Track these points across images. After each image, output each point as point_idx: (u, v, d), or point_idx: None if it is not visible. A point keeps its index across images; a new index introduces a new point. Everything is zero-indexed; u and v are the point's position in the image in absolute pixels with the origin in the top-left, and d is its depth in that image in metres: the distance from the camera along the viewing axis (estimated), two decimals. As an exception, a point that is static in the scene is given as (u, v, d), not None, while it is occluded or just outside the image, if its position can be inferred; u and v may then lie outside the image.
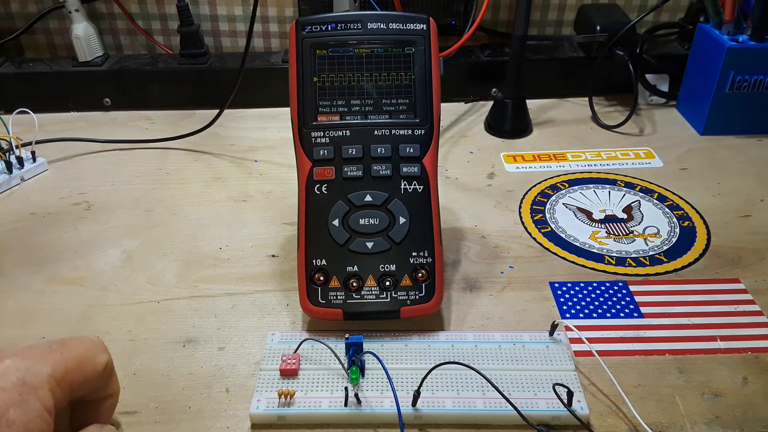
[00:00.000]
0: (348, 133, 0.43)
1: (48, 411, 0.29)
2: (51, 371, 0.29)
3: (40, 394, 0.29)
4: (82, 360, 0.31)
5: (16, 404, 0.27)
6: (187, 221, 0.55)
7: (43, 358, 0.30)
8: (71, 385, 0.30)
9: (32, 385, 0.28)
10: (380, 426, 0.36)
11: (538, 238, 0.52)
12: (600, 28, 0.70)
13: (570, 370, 0.38)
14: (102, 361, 0.32)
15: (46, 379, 0.29)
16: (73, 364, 0.30)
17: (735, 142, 0.66)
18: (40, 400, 0.28)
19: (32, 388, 0.28)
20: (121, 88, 0.73)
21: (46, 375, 0.29)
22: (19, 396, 0.28)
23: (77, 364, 0.31)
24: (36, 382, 0.29)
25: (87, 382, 0.31)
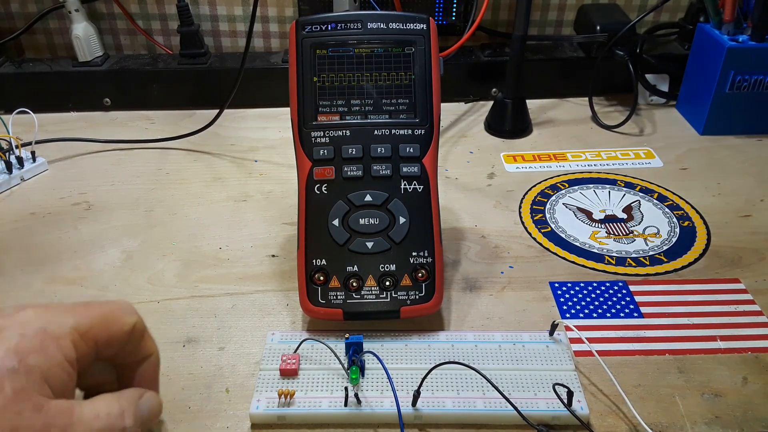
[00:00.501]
0: (348, 133, 0.43)
1: (70, 362, 0.29)
2: (75, 324, 0.30)
3: (61, 344, 0.29)
4: (107, 318, 0.31)
5: (36, 351, 0.28)
6: (187, 221, 0.55)
7: (67, 312, 0.30)
8: (96, 340, 0.30)
9: (54, 335, 0.29)
10: (380, 426, 0.36)
11: (538, 238, 0.52)
12: (600, 28, 0.70)
13: (570, 370, 0.38)
14: (129, 321, 0.32)
15: (69, 330, 0.29)
16: (98, 321, 0.30)
17: (735, 142, 0.66)
18: (61, 350, 0.29)
19: (54, 338, 0.28)
20: (121, 88, 0.73)
21: (69, 327, 0.29)
22: (40, 343, 0.28)
23: (102, 321, 0.31)
24: (58, 333, 0.29)
25: (113, 340, 0.31)
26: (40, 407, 0.27)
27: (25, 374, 0.27)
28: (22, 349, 0.27)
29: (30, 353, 0.27)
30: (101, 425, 0.29)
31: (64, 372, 0.29)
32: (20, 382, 0.27)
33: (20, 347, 0.27)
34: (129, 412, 0.31)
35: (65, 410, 0.28)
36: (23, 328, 0.28)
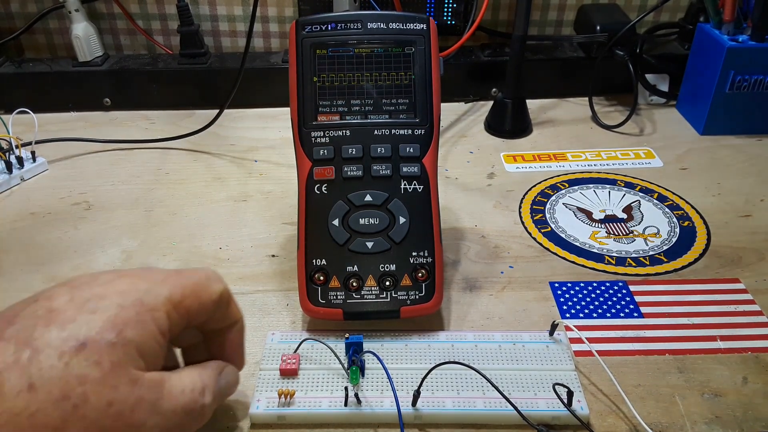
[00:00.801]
0: (348, 132, 0.43)
1: (162, 333, 0.29)
2: (169, 295, 0.30)
3: (156, 315, 0.29)
4: (198, 287, 0.31)
5: (132, 324, 0.28)
6: (187, 221, 0.55)
7: (162, 282, 0.30)
8: (188, 310, 0.30)
9: (149, 307, 0.29)
10: (380, 426, 0.36)
11: (538, 238, 0.52)
12: (600, 28, 0.70)
13: (570, 370, 0.38)
14: (217, 289, 0.32)
15: (163, 301, 0.29)
16: (190, 290, 0.31)
17: (735, 142, 0.66)
18: (155, 322, 0.29)
19: (149, 310, 0.29)
20: (121, 88, 0.73)
21: (164, 298, 0.29)
22: (137, 316, 0.28)
23: (193, 290, 0.31)
24: (154, 304, 0.29)
25: (203, 308, 0.31)
26: (134, 381, 0.27)
27: (122, 347, 0.27)
28: (120, 321, 0.27)
29: (127, 326, 0.27)
30: (185, 401, 0.29)
31: (157, 344, 0.29)
32: (117, 355, 0.27)
33: (118, 319, 0.27)
34: (209, 389, 0.31)
35: (156, 383, 0.28)
36: (121, 297, 0.28)
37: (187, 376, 0.31)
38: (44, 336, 0.26)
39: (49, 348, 0.26)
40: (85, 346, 0.26)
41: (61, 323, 0.26)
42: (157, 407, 0.28)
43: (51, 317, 0.27)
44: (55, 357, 0.25)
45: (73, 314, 0.27)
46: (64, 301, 0.28)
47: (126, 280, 0.29)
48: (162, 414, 0.28)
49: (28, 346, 0.25)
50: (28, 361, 0.25)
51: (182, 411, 0.29)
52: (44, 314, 0.27)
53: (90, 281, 0.29)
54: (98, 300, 0.28)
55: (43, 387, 0.25)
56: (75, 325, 0.26)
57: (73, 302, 0.28)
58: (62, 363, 0.25)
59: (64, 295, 0.28)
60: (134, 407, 0.27)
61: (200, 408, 0.30)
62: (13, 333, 0.26)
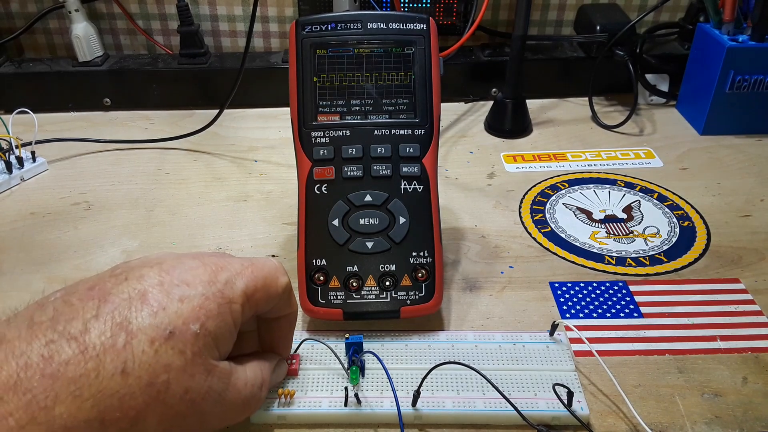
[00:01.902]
0: (348, 132, 0.43)
1: (235, 325, 0.30)
2: (245, 287, 0.31)
3: (233, 308, 0.30)
4: (268, 280, 0.32)
5: (214, 315, 0.29)
6: (187, 221, 0.55)
7: (240, 273, 0.31)
8: (258, 302, 0.32)
9: (228, 299, 0.30)
10: (380, 426, 0.36)
11: (538, 238, 0.52)
12: (600, 28, 0.70)
13: (570, 370, 0.38)
14: (283, 282, 0.33)
15: (240, 294, 0.30)
16: (261, 283, 0.32)
17: (735, 142, 0.66)
18: (232, 314, 0.30)
19: (228, 302, 0.30)
20: (121, 88, 0.73)
21: (241, 291, 0.30)
22: (218, 307, 0.29)
23: (264, 283, 0.32)
24: (232, 296, 0.30)
25: (269, 300, 0.32)
26: (209, 371, 0.29)
27: (203, 338, 0.28)
28: (204, 312, 0.29)
29: (209, 317, 0.29)
30: (246, 394, 0.31)
31: (231, 335, 0.30)
32: (199, 345, 0.28)
33: (202, 310, 0.28)
34: (266, 384, 0.33)
35: (226, 374, 0.30)
36: (205, 287, 0.29)
37: (251, 369, 0.32)
38: (138, 320, 0.27)
39: (142, 333, 0.27)
40: (173, 334, 0.27)
41: (153, 309, 0.27)
42: (222, 397, 0.29)
43: (143, 300, 0.28)
44: (147, 343, 0.27)
45: (164, 300, 0.28)
46: (154, 284, 0.29)
47: (209, 269, 0.30)
48: (225, 404, 0.30)
49: (123, 329, 0.26)
50: (123, 346, 0.26)
51: (242, 402, 0.31)
52: (137, 296, 0.28)
53: (176, 265, 0.30)
54: (185, 287, 0.29)
55: (134, 372, 0.26)
56: (165, 313, 0.28)
57: (162, 287, 0.28)
58: (152, 350, 0.27)
59: (153, 277, 0.29)
60: (205, 395, 0.28)
61: (256, 401, 0.32)
62: (108, 313, 0.27)
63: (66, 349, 0.25)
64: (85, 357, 0.25)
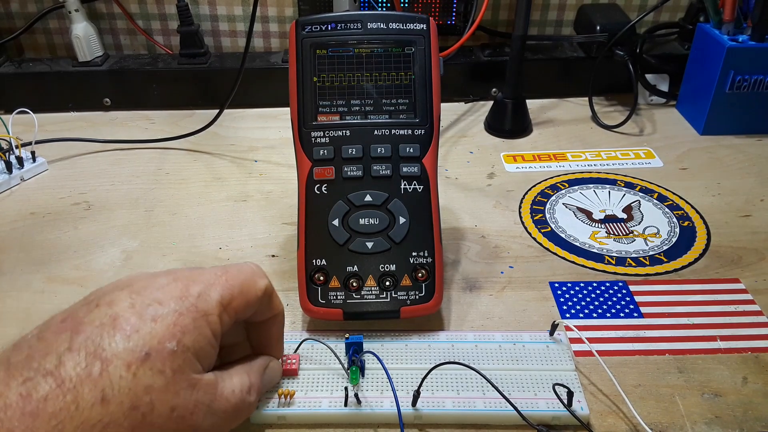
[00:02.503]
0: (348, 132, 0.43)
1: (215, 336, 0.30)
2: (220, 298, 0.31)
3: (210, 320, 0.30)
4: (245, 286, 0.32)
5: (190, 330, 0.29)
6: (187, 221, 0.55)
7: (213, 284, 0.31)
8: (236, 310, 0.31)
9: (203, 312, 0.30)
10: (380, 426, 0.36)
11: (538, 238, 0.52)
12: (600, 28, 0.70)
13: (570, 370, 0.38)
14: (262, 285, 0.33)
15: (216, 305, 0.30)
16: (238, 290, 0.32)
17: (735, 141, 0.66)
18: (210, 326, 0.30)
19: (203, 315, 0.30)
20: (121, 88, 0.73)
21: (216, 301, 0.30)
22: (193, 322, 0.29)
23: (241, 290, 0.32)
24: (207, 308, 0.30)
25: (249, 306, 0.32)
26: (193, 385, 0.28)
27: (182, 354, 0.28)
28: (179, 329, 0.28)
29: (185, 333, 0.28)
30: (235, 401, 0.31)
31: (211, 347, 0.30)
32: (178, 362, 0.28)
33: (177, 327, 0.28)
34: (255, 387, 0.33)
35: (212, 385, 0.30)
36: (178, 303, 0.29)
37: (237, 376, 0.32)
38: (111, 346, 0.27)
39: (117, 359, 0.26)
40: (150, 356, 0.27)
41: (126, 332, 0.27)
42: (211, 408, 0.29)
43: (115, 325, 0.27)
44: (124, 368, 0.26)
45: (136, 322, 0.28)
46: (125, 307, 0.28)
47: (180, 285, 0.30)
48: (216, 414, 0.30)
49: (97, 357, 0.26)
50: (99, 374, 0.26)
51: (233, 410, 0.31)
52: (108, 321, 0.28)
53: (147, 284, 0.30)
54: (158, 306, 0.29)
55: (115, 398, 0.26)
56: (139, 335, 0.27)
57: (134, 309, 0.28)
58: (130, 374, 0.26)
59: (124, 300, 0.29)
60: (193, 410, 0.28)
61: (247, 406, 0.32)
62: (82, 342, 0.27)
63: (43, 385, 0.25)
64: (62, 390, 0.25)
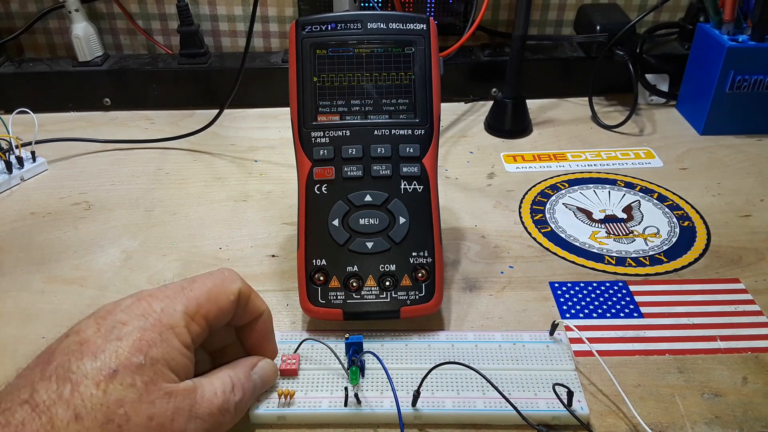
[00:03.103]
0: (348, 133, 0.43)
1: (186, 347, 0.31)
2: (184, 309, 0.31)
3: (177, 331, 0.31)
4: (212, 294, 0.33)
5: (157, 343, 0.30)
6: (187, 221, 0.55)
7: (175, 297, 0.32)
8: (206, 318, 0.32)
9: (169, 324, 0.31)
10: (380, 426, 0.36)
11: (538, 238, 0.52)
12: (600, 28, 0.70)
13: (570, 370, 0.38)
14: (234, 290, 0.34)
15: (181, 316, 0.31)
16: (204, 299, 0.32)
17: (735, 141, 0.66)
18: (178, 337, 0.31)
19: (169, 327, 0.30)
20: (121, 88, 0.73)
21: (180, 313, 0.31)
22: (159, 336, 0.30)
23: (208, 298, 0.32)
24: (171, 322, 0.31)
25: (222, 312, 0.33)
26: (169, 393, 0.29)
27: (151, 367, 0.29)
28: (145, 343, 0.29)
29: (152, 346, 0.29)
30: (219, 402, 0.31)
31: (184, 356, 0.31)
32: (148, 374, 0.29)
33: (143, 342, 0.29)
34: (239, 386, 0.33)
35: (189, 391, 0.30)
36: (142, 320, 0.30)
37: (218, 378, 0.33)
38: (80, 368, 0.28)
39: (86, 379, 0.28)
40: (117, 372, 0.28)
41: (93, 354, 0.29)
42: (193, 412, 0.30)
43: (82, 350, 0.29)
44: (93, 386, 0.28)
45: (102, 343, 0.29)
46: (91, 333, 0.30)
47: (143, 303, 0.31)
48: (199, 417, 0.30)
49: (67, 380, 0.28)
50: (70, 394, 0.27)
51: (218, 411, 0.31)
52: (76, 347, 0.29)
53: (112, 309, 0.31)
54: (122, 326, 0.30)
55: (88, 415, 0.27)
56: (105, 355, 0.29)
57: (99, 332, 0.30)
58: (100, 391, 0.28)
59: (91, 327, 0.30)
60: (173, 417, 0.29)
61: (233, 405, 0.32)
62: (53, 370, 0.28)
63: (20, 412, 0.27)
64: (37, 413, 0.26)
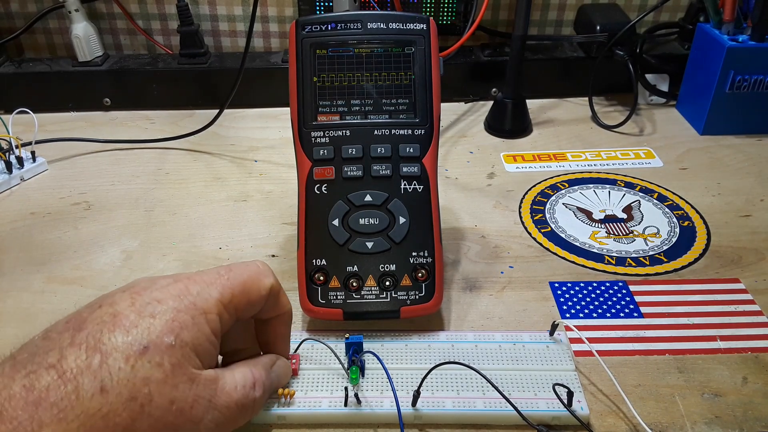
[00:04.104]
0: (348, 132, 0.43)
1: (215, 334, 0.31)
2: (219, 296, 0.31)
3: (209, 318, 0.30)
4: (247, 285, 0.33)
5: (188, 327, 0.29)
6: (187, 221, 0.55)
7: (212, 283, 0.32)
8: (237, 308, 0.32)
9: (202, 309, 0.30)
10: (380, 426, 0.36)
11: (538, 238, 0.52)
12: (600, 28, 0.70)
13: (570, 370, 0.38)
14: (266, 285, 0.33)
15: (215, 303, 0.31)
16: (239, 290, 0.32)
17: (735, 141, 0.66)
18: (209, 323, 0.30)
19: (202, 312, 0.30)
20: (121, 88, 0.73)
21: (215, 300, 0.31)
22: (192, 319, 0.30)
23: (242, 289, 0.32)
24: (206, 307, 0.31)
25: (252, 305, 0.33)
26: (192, 379, 0.29)
27: (180, 349, 0.29)
28: (177, 324, 0.29)
29: (183, 329, 0.29)
30: (238, 396, 0.31)
31: (211, 344, 0.31)
32: (176, 356, 0.29)
33: (175, 323, 0.29)
34: (259, 383, 0.33)
35: (212, 380, 0.30)
36: (177, 301, 0.30)
37: (240, 372, 0.33)
38: (111, 340, 0.28)
39: (116, 352, 0.27)
40: (148, 349, 0.28)
41: (126, 328, 0.28)
42: (213, 403, 0.30)
43: (115, 322, 0.28)
44: (122, 360, 0.27)
45: (135, 319, 0.29)
46: (125, 306, 0.29)
47: (180, 285, 0.31)
48: (218, 409, 0.30)
49: (97, 350, 0.27)
50: (99, 366, 0.27)
51: (235, 406, 0.31)
52: (109, 319, 0.29)
53: (149, 285, 0.31)
54: (156, 304, 0.30)
55: (114, 389, 0.27)
56: (138, 330, 0.28)
57: (134, 307, 0.29)
58: (129, 366, 0.27)
59: (125, 300, 0.30)
60: (193, 404, 0.29)
61: (252, 402, 0.32)
62: (83, 338, 0.28)
63: (45, 377, 0.26)
64: (63, 380, 0.26)
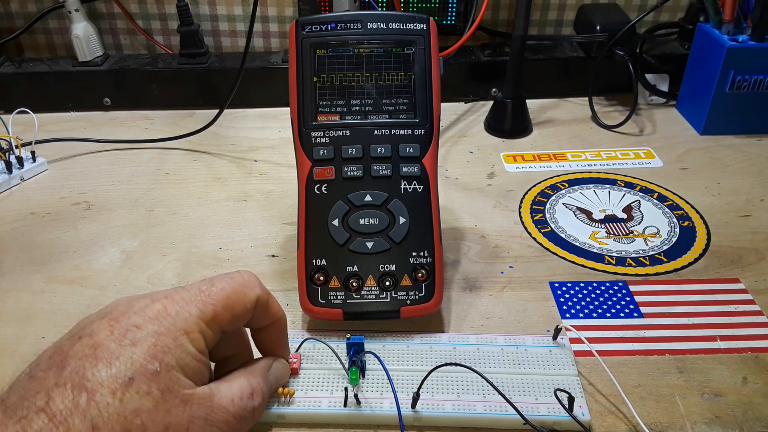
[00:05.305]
0: (348, 132, 0.43)
1: (201, 351, 0.30)
2: (199, 314, 0.31)
3: (191, 337, 0.30)
4: (231, 300, 0.32)
5: (172, 349, 0.29)
6: (187, 221, 0.55)
7: (191, 301, 0.31)
8: (220, 324, 0.32)
9: (183, 329, 0.30)
10: (380, 427, 0.36)
11: (538, 238, 0.52)
12: (600, 28, 0.70)
13: (573, 374, 0.38)
14: (252, 297, 0.33)
15: (195, 321, 0.30)
16: (222, 306, 0.32)
17: (735, 141, 0.66)
18: (192, 343, 0.30)
19: (184, 332, 0.30)
20: (121, 87, 0.73)
21: (195, 318, 0.31)
22: (174, 341, 0.29)
23: (225, 304, 0.32)
24: (186, 327, 0.30)
25: (237, 318, 0.32)
26: (185, 401, 0.29)
27: (166, 373, 0.28)
28: (160, 349, 0.29)
29: (167, 352, 0.29)
30: (235, 409, 0.31)
31: (199, 362, 0.30)
32: (164, 381, 0.28)
33: (157, 348, 0.29)
34: (257, 392, 0.33)
35: (206, 398, 0.30)
36: (156, 324, 0.30)
37: (236, 383, 0.32)
38: (95, 376, 0.27)
39: (102, 387, 0.27)
40: (133, 380, 0.28)
41: (108, 360, 0.28)
42: (209, 420, 0.30)
43: (97, 355, 0.28)
44: (109, 395, 0.27)
45: (116, 349, 0.28)
46: (105, 336, 0.29)
47: (158, 305, 0.30)
48: (215, 425, 0.30)
49: (83, 388, 0.27)
50: (87, 404, 0.27)
51: (234, 419, 0.31)
52: (90, 352, 0.28)
53: (126, 310, 0.30)
54: (136, 330, 0.29)
55: (105, 425, 0.26)
56: (120, 362, 0.28)
57: (113, 336, 0.29)
58: (117, 400, 0.27)
59: (104, 330, 0.29)
60: (188, 425, 0.29)
61: (251, 411, 0.32)
62: (67, 376, 0.27)
63: (36, 421, 0.26)
64: (54, 423, 0.26)
